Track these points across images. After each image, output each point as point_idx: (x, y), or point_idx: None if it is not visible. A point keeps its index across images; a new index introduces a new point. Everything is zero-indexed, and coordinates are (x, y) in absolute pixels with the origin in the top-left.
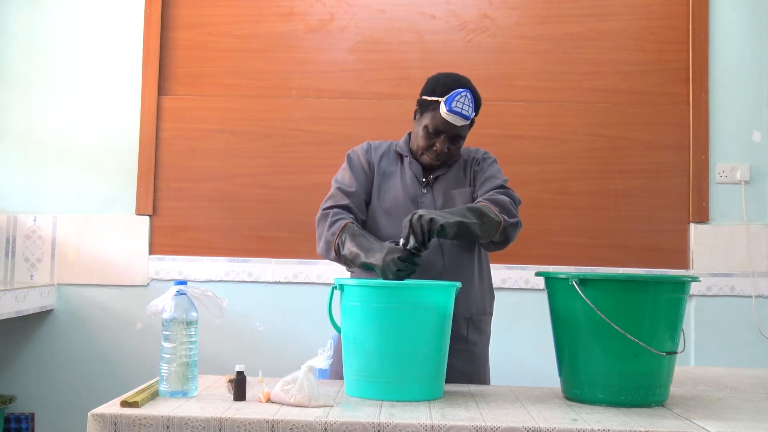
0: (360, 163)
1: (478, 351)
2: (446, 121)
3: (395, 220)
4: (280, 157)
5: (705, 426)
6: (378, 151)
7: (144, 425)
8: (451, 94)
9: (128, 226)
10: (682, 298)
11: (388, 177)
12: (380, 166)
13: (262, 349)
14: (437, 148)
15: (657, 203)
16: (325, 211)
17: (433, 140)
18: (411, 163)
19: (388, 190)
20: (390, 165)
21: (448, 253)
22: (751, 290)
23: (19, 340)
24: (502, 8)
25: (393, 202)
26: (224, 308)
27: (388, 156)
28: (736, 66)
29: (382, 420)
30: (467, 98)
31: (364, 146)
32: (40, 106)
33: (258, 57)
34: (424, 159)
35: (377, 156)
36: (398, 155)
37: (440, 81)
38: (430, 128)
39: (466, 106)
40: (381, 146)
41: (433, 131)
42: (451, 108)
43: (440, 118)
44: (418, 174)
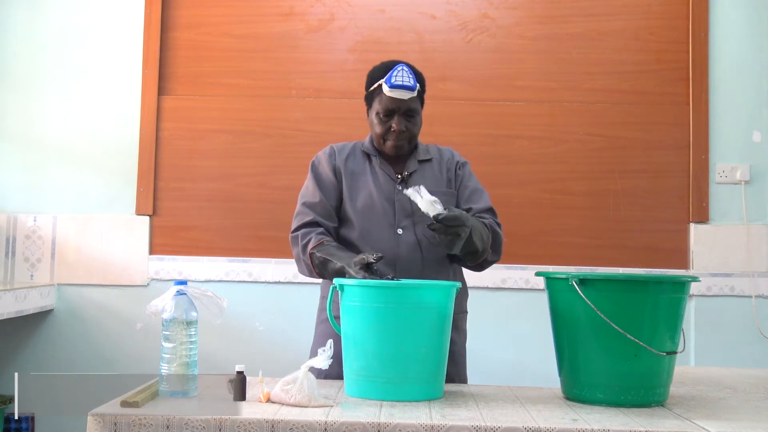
0: (324, 170)
1: (458, 350)
2: (393, 98)
3: (370, 219)
4: (280, 157)
5: (705, 426)
6: (342, 153)
7: (144, 425)
8: (389, 73)
9: (128, 226)
10: (682, 298)
11: (358, 177)
12: (347, 167)
13: (262, 349)
14: (395, 128)
15: (657, 203)
16: (294, 233)
17: (388, 122)
18: (381, 162)
19: (360, 190)
20: (357, 165)
21: (426, 251)
22: (751, 290)
23: (19, 340)
24: (502, 8)
25: (367, 201)
26: (224, 308)
27: (354, 156)
28: (736, 66)
29: (382, 420)
30: (405, 70)
31: (327, 151)
32: (40, 106)
33: (258, 57)
34: (387, 146)
35: (342, 158)
36: (365, 155)
37: (376, 68)
38: (382, 112)
39: (407, 77)
40: (345, 148)
41: (384, 114)
42: (393, 84)
43: (386, 98)
44: (390, 172)
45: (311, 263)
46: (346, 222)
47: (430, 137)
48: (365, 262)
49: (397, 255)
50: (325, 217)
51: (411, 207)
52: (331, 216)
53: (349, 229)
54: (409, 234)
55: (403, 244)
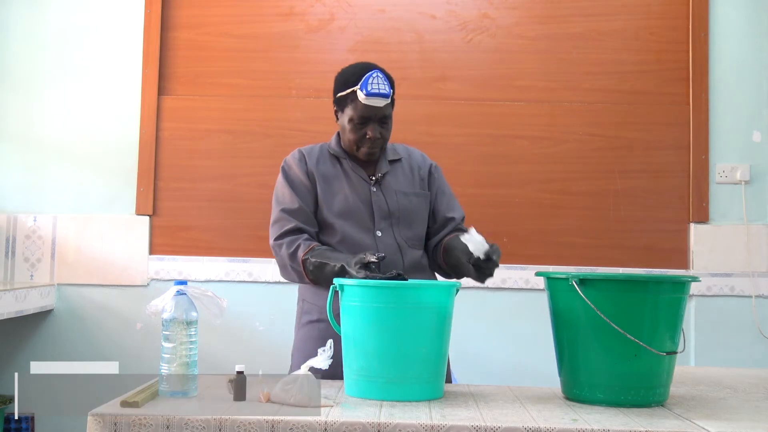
0: (297, 176)
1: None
2: (368, 105)
3: (350, 221)
4: (280, 157)
5: (705, 426)
6: (312, 157)
7: (144, 425)
8: (364, 79)
9: (128, 226)
10: (682, 298)
11: (331, 181)
12: (319, 171)
13: (262, 349)
14: (370, 135)
15: (657, 203)
16: (278, 241)
17: (363, 129)
18: (352, 165)
19: (336, 194)
20: (328, 168)
21: (405, 253)
22: (751, 290)
23: (19, 340)
24: (502, 8)
25: (344, 205)
26: (224, 308)
27: (323, 159)
28: (736, 66)
29: (382, 420)
30: (380, 77)
31: (296, 156)
32: (40, 106)
33: (258, 57)
34: (361, 153)
35: (313, 162)
36: (334, 157)
37: (349, 72)
38: (356, 119)
39: (382, 85)
40: (313, 151)
41: (359, 121)
42: (369, 91)
43: (362, 106)
44: (362, 174)
45: (303, 270)
46: (324, 227)
47: (430, 137)
48: (365, 262)
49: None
50: (306, 223)
51: (388, 208)
52: (311, 221)
53: (329, 234)
54: (388, 236)
55: (383, 246)
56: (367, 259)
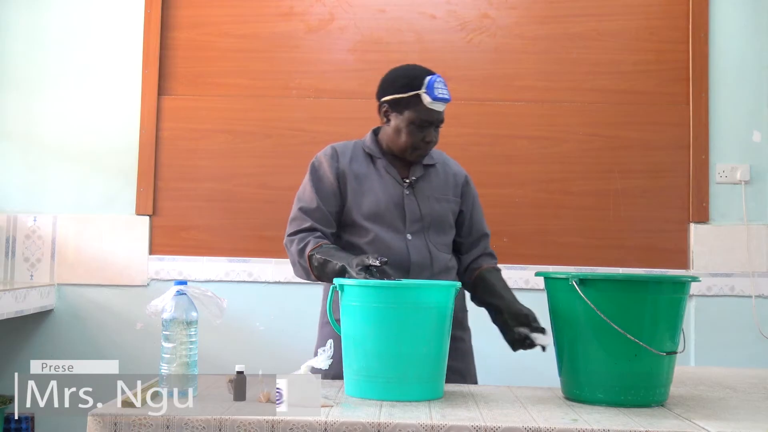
0: (325, 174)
1: (465, 347)
2: (432, 110)
3: (381, 223)
4: (280, 157)
5: (705, 426)
6: (345, 155)
7: (144, 425)
8: (428, 84)
9: (128, 226)
10: (682, 298)
11: (363, 180)
12: (352, 169)
13: (262, 349)
14: (429, 139)
15: (657, 203)
16: (291, 237)
17: (422, 133)
18: (386, 165)
19: (366, 194)
20: (362, 167)
21: (435, 257)
22: (751, 290)
23: (19, 340)
24: (502, 8)
25: (374, 206)
26: (224, 308)
27: (357, 158)
28: (736, 66)
29: (382, 420)
30: (442, 82)
31: (328, 152)
32: (40, 106)
33: (258, 57)
34: (413, 155)
35: (345, 161)
36: (368, 156)
37: (410, 75)
38: (418, 122)
39: (445, 90)
40: (346, 149)
41: (421, 124)
42: (437, 96)
43: (426, 109)
44: (396, 175)
45: (309, 266)
46: (353, 227)
47: None
48: (365, 264)
49: (408, 261)
50: (322, 224)
51: (420, 213)
52: (329, 222)
53: (358, 234)
54: (419, 240)
55: (414, 249)
56: (368, 262)
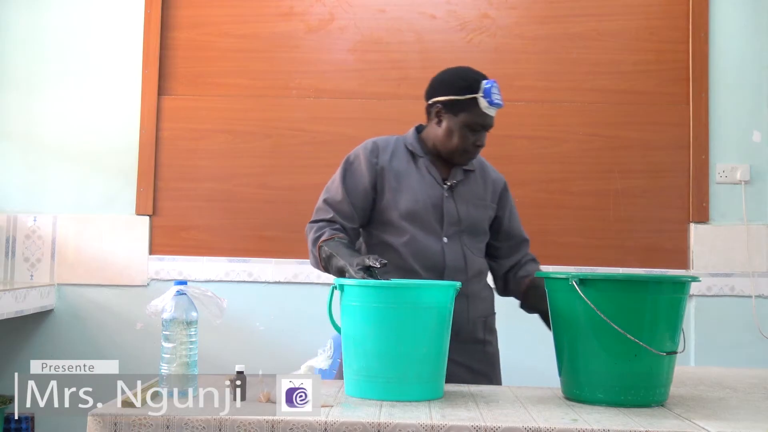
0: (360, 168)
1: (492, 350)
2: (488, 114)
3: (416, 225)
4: (280, 157)
5: (705, 426)
6: (386, 151)
7: (144, 425)
8: (485, 89)
9: (128, 226)
10: (682, 298)
11: (402, 178)
12: (392, 166)
13: (262, 349)
14: (480, 143)
15: (657, 203)
16: (310, 225)
17: (473, 137)
18: (428, 164)
19: (404, 192)
20: (402, 164)
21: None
22: (751, 290)
23: (19, 340)
24: (502, 8)
25: (412, 205)
26: (224, 308)
27: (397, 155)
28: (736, 66)
29: (382, 420)
30: (498, 88)
31: (369, 147)
32: (40, 106)
33: (258, 57)
34: (462, 158)
35: (386, 157)
36: (410, 153)
37: (469, 78)
38: (473, 125)
39: (500, 96)
40: (388, 144)
41: (475, 128)
42: (493, 101)
43: (482, 113)
44: (437, 177)
45: (319, 256)
46: (390, 226)
47: None
48: (365, 265)
49: (444, 264)
50: (344, 217)
51: (458, 216)
52: (351, 217)
53: (394, 234)
54: (455, 243)
55: (450, 253)
56: (368, 263)
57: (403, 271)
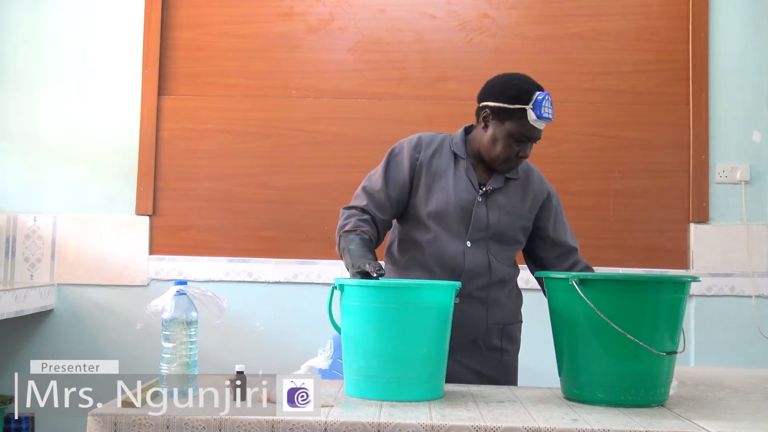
0: (402, 161)
1: (509, 359)
2: (535, 127)
3: (442, 225)
4: (280, 157)
5: (705, 426)
6: (430, 147)
7: (144, 425)
8: (536, 100)
9: (128, 226)
10: (682, 298)
11: (439, 177)
12: (431, 164)
13: (262, 349)
14: (523, 154)
15: (657, 203)
16: (344, 210)
17: (517, 147)
18: (468, 167)
19: (438, 191)
20: (442, 164)
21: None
22: (751, 290)
23: (19, 340)
24: (502, 8)
25: (442, 205)
26: (224, 308)
27: (440, 154)
28: (736, 66)
29: (382, 420)
30: (549, 101)
31: (413, 141)
32: (40, 106)
33: (258, 57)
34: (505, 167)
35: (428, 153)
36: (453, 154)
37: (521, 87)
38: (518, 136)
39: (551, 110)
40: (433, 141)
41: (520, 138)
42: (542, 114)
43: (529, 126)
44: (474, 181)
45: (338, 244)
46: (417, 222)
47: None
48: (363, 270)
49: (462, 268)
50: (378, 207)
51: (487, 222)
52: (385, 208)
53: (420, 231)
54: (480, 249)
55: (470, 257)
56: (366, 269)
57: (423, 268)
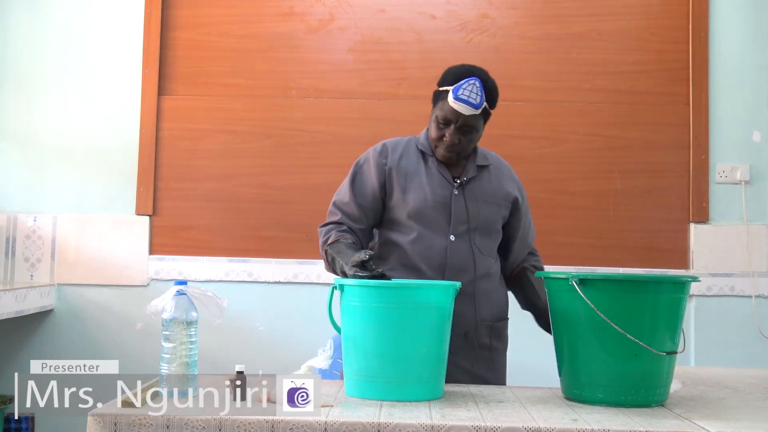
0: (369, 172)
1: (499, 357)
2: (453, 109)
3: (423, 223)
4: (280, 157)
5: (705, 426)
6: (396, 152)
7: (144, 425)
8: (459, 83)
9: (128, 226)
10: (682, 298)
11: (411, 177)
12: (400, 167)
13: (262, 349)
14: (447, 138)
15: (657, 203)
16: (321, 228)
17: (443, 131)
18: (438, 163)
19: (413, 191)
20: (411, 164)
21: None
22: (751, 290)
23: (19, 340)
24: (502, 8)
25: (420, 203)
26: (224, 308)
27: (407, 155)
28: (736, 66)
29: (382, 420)
30: (475, 86)
31: (378, 149)
32: (40, 106)
33: (258, 57)
34: (439, 152)
35: (395, 157)
36: (420, 153)
37: (452, 71)
38: (440, 118)
39: (474, 95)
40: (398, 145)
41: (442, 121)
42: (458, 96)
43: (448, 107)
44: (447, 175)
45: (326, 260)
46: (398, 224)
47: None
48: (359, 260)
49: (446, 263)
50: (352, 218)
51: (467, 214)
52: (359, 218)
53: (402, 232)
54: (463, 242)
55: (454, 251)
56: (360, 258)
57: (408, 269)
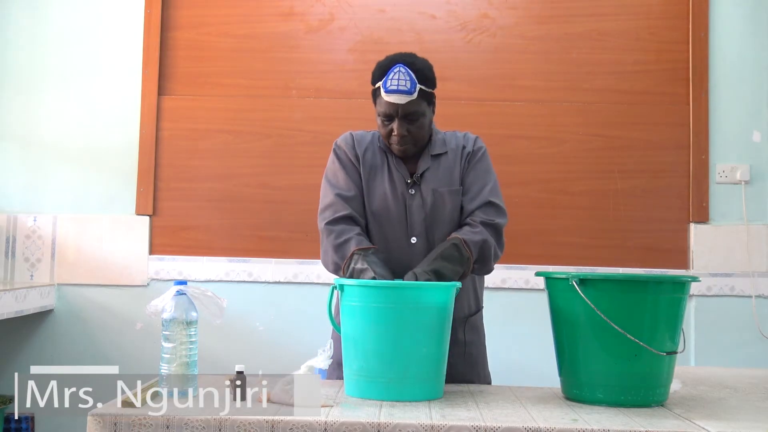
0: (349, 160)
1: (476, 351)
2: (389, 102)
3: (382, 223)
4: (280, 157)
5: (705, 426)
6: (362, 144)
7: (144, 425)
8: (386, 75)
9: (128, 226)
10: (682, 298)
11: (374, 173)
12: (365, 160)
13: (262, 349)
14: (396, 132)
15: (657, 203)
16: (329, 227)
17: (389, 126)
18: (395, 161)
19: (376, 189)
20: (374, 159)
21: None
22: (751, 290)
23: (19, 340)
24: (502, 8)
25: (381, 202)
26: (224, 308)
27: (372, 149)
28: (736, 66)
29: (382, 420)
30: (401, 72)
31: (348, 140)
32: (40, 106)
33: (258, 57)
34: (394, 148)
35: (362, 149)
36: (381, 149)
37: (378, 65)
38: (382, 115)
39: (402, 81)
40: (364, 138)
41: (385, 117)
42: (388, 88)
43: (384, 102)
44: (403, 172)
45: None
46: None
47: None
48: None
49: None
50: (359, 213)
51: (424, 212)
52: (363, 213)
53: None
54: (423, 242)
55: (416, 255)
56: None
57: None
